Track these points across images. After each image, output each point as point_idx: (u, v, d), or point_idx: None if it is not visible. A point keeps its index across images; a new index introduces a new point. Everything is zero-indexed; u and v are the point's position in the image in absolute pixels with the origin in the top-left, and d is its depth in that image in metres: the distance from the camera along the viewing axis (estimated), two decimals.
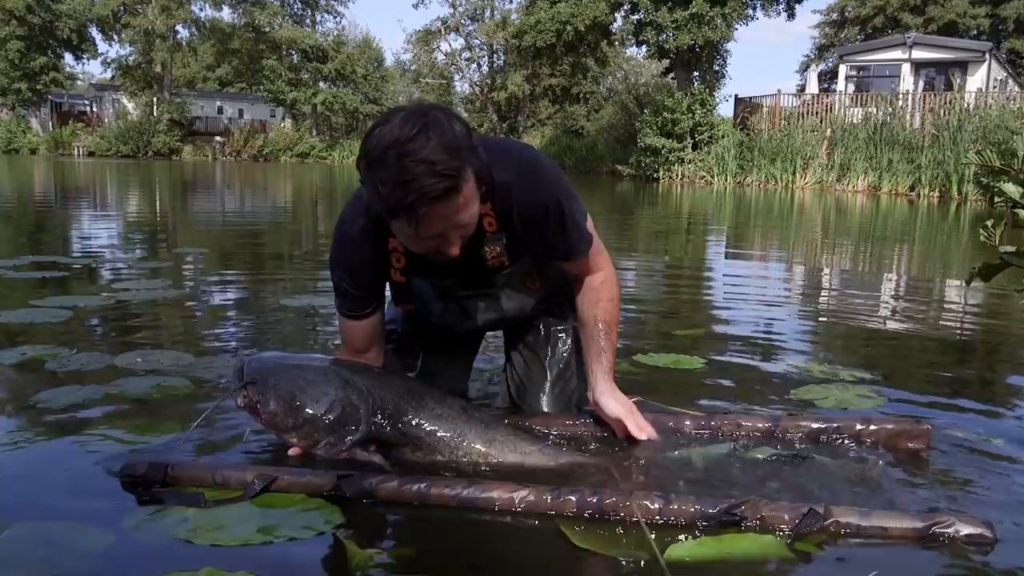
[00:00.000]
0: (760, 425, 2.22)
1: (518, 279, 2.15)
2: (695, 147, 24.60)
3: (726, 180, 23.20)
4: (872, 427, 2.20)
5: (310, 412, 1.97)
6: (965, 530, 1.62)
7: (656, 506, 1.69)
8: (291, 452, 2.01)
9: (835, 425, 2.22)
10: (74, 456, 2.02)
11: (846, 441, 2.19)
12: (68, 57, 52.35)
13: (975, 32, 42.53)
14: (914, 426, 2.20)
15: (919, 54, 25.32)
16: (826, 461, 2.04)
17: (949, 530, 1.62)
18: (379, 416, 2.00)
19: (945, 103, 20.67)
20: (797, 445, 2.15)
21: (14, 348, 3.02)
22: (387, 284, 2.14)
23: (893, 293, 5.51)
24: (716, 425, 2.21)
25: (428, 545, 1.66)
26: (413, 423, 2.02)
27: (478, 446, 2.02)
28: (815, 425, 2.22)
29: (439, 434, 2.02)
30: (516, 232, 2.00)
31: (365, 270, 2.07)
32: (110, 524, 1.66)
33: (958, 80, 22.55)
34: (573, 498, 1.71)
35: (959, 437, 2.27)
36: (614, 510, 1.70)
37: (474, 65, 51.14)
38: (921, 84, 24.84)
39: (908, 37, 26.28)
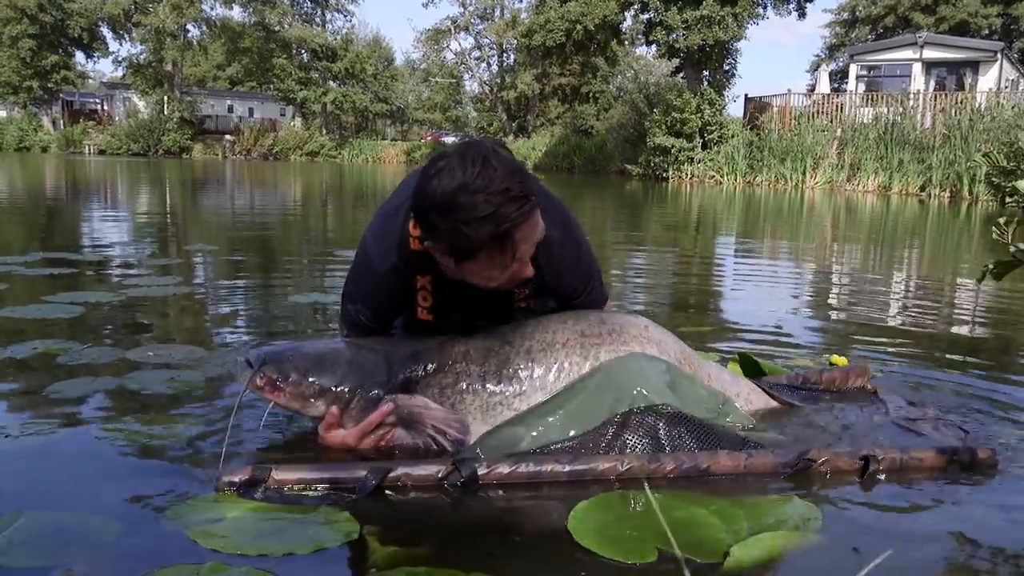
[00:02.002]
0: None
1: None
2: (704, 147, 24.58)
3: (736, 180, 23.16)
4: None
5: (333, 373, 1.99)
6: (979, 456, 2.00)
7: (741, 462, 1.89)
8: (323, 428, 1.99)
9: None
10: (86, 447, 2.03)
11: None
12: (79, 55, 52.66)
13: (987, 32, 42.33)
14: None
15: (930, 54, 25.22)
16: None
17: (967, 458, 1.99)
18: (401, 367, 2.03)
19: (956, 103, 20.59)
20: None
21: (26, 342, 3.03)
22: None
23: (903, 290, 5.49)
24: None
25: (446, 544, 1.65)
26: (436, 367, 2.05)
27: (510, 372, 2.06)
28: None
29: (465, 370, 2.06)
30: (545, 279, 2.07)
31: (389, 307, 2.13)
32: (121, 515, 1.67)
33: (969, 80, 22.45)
34: (670, 463, 1.88)
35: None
36: (705, 470, 1.88)
37: (484, 64, 51.28)
38: (932, 84, 24.75)
39: (919, 37, 26.17)
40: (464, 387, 2.03)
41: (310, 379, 1.98)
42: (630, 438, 1.96)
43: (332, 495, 1.77)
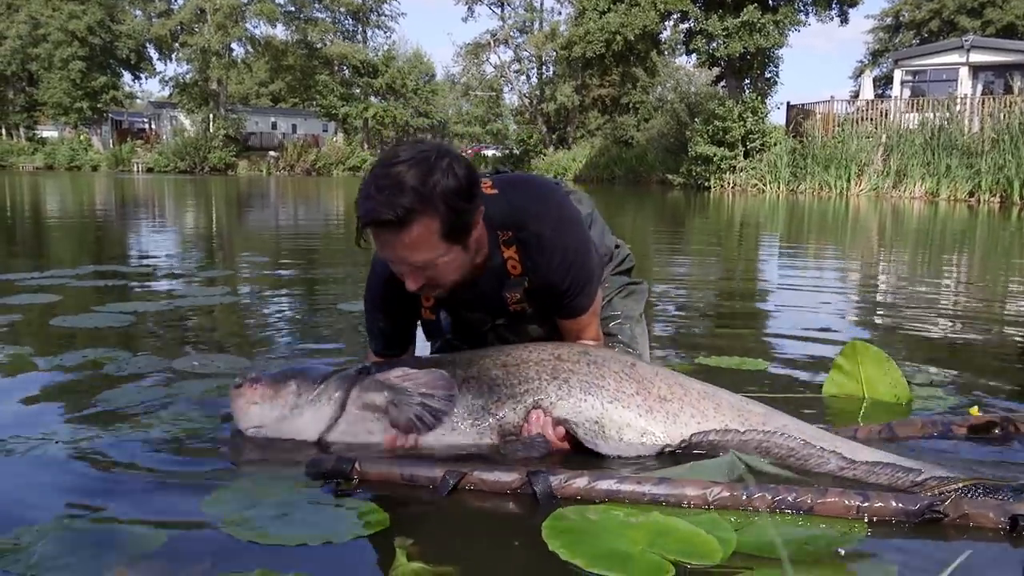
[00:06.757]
0: None
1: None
2: (747, 155, 24.37)
3: (779, 188, 22.92)
4: None
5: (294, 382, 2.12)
6: None
7: (855, 503, 1.66)
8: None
9: None
10: (131, 455, 2.03)
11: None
12: (127, 76, 53.85)
13: None
14: None
15: (977, 57, 24.78)
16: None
17: None
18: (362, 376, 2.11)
19: (1005, 107, 20.19)
20: None
21: (76, 351, 3.08)
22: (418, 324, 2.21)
23: (954, 296, 5.36)
24: None
25: (473, 563, 1.62)
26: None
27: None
28: None
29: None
30: (536, 279, 2.05)
31: (395, 310, 2.13)
32: (164, 522, 1.66)
33: (1018, 83, 22.00)
34: (768, 496, 1.69)
35: None
36: (808, 507, 1.66)
37: (523, 77, 51.39)
38: (979, 88, 24.29)
39: (965, 40, 25.73)
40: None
41: (280, 382, 2.12)
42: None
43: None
